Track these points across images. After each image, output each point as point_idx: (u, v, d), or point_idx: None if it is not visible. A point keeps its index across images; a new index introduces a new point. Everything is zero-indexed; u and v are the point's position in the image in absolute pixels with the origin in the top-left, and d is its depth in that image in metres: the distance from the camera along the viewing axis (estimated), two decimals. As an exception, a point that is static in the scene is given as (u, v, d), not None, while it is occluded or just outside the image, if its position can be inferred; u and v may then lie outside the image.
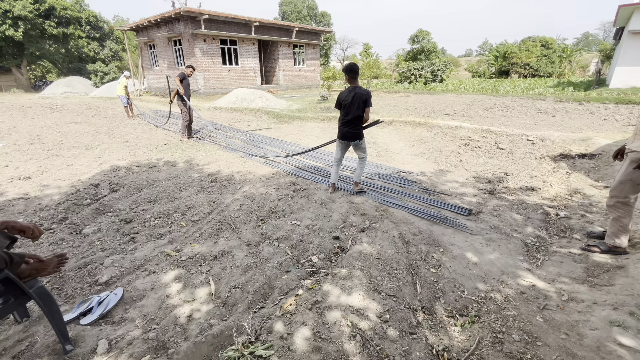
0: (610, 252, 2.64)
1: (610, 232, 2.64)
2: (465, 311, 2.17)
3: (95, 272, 2.57)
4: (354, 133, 3.78)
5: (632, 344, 1.72)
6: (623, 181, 2.53)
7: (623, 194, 2.54)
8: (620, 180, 2.55)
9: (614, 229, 2.62)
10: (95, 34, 33.03)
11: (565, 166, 5.06)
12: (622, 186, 2.54)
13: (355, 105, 3.61)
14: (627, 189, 2.52)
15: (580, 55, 32.35)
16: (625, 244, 2.61)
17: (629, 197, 2.54)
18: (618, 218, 2.59)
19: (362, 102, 3.59)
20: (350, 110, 3.63)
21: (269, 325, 2.00)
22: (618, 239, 2.61)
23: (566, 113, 9.88)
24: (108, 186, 4.43)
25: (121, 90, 10.58)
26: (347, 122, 3.71)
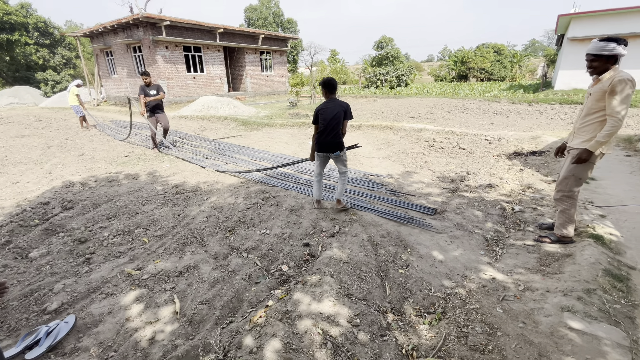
0: (559, 241, 2.86)
1: (558, 223, 2.86)
2: (433, 308, 2.23)
3: (44, 300, 2.35)
4: (335, 143, 3.42)
5: (580, 327, 1.86)
6: (567, 176, 2.76)
7: (568, 187, 2.77)
8: (565, 176, 2.77)
9: (561, 221, 2.84)
10: (45, 40, 30.80)
11: (519, 163, 5.43)
12: (566, 181, 2.77)
13: (335, 119, 3.36)
14: (571, 183, 2.75)
15: (529, 60, 35.12)
16: (572, 234, 2.84)
17: (573, 191, 2.76)
18: (564, 210, 2.81)
19: (342, 113, 3.39)
20: (330, 123, 3.36)
21: (237, 340, 1.94)
22: (565, 229, 2.83)
23: (518, 114, 10.64)
24: (60, 204, 4.10)
25: (73, 99, 9.80)
26: (327, 133, 3.39)
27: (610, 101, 2.42)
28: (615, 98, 2.39)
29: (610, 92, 2.40)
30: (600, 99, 2.49)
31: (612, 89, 2.38)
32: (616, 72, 2.43)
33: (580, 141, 2.66)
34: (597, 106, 2.53)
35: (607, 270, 2.32)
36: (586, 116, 2.63)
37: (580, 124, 2.70)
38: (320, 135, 3.44)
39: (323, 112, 3.38)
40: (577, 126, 2.74)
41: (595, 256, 2.47)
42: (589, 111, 2.61)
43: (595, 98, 2.52)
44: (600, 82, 2.50)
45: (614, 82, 2.38)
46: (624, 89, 2.35)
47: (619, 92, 2.37)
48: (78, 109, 9.88)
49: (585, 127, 2.64)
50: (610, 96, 2.41)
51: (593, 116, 2.58)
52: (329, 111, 3.36)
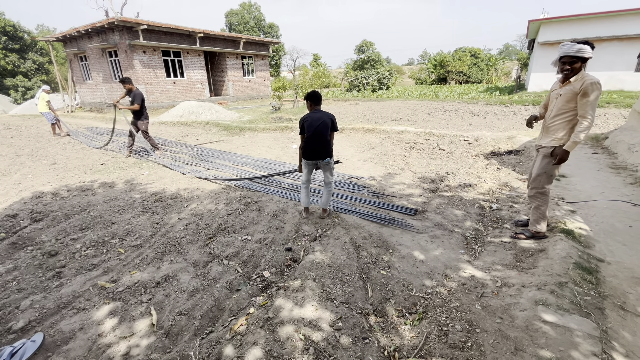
0: (534, 237, 2.96)
1: (532, 219, 2.96)
2: (414, 309, 2.25)
3: (9, 318, 2.22)
4: (324, 149, 3.33)
5: (553, 320, 1.92)
6: (539, 174, 2.86)
7: (540, 185, 2.87)
8: (537, 174, 2.88)
9: (535, 217, 2.94)
10: (14, 45, 29.46)
11: (496, 162, 5.61)
12: (539, 178, 2.87)
13: (322, 125, 3.29)
14: (543, 181, 2.86)
15: (504, 64, 36.53)
16: (544, 229, 2.94)
17: (545, 188, 2.87)
18: (538, 207, 2.91)
19: (329, 121, 3.34)
20: (318, 129, 3.28)
21: (217, 350, 1.89)
22: (539, 225, 2.93)
23: (495, 115, 11.02)
24: (29, 216, 3.90)
25: (43, 106, 9.40)
26: (315, 139, 3.30)
27: (582, 103, 2.53)
28: (587, 100, 2.50)
29: (583, 94, 2.51)
30: (571, 100, 2.60)
31: (585, 91, 2.49)
32: (585, 75, 2.54)
33: (550, 140, 2.77)
34: (567, 107, 2.64)
35: (578, 264, 2.42)
36: (556, 116, 2.74)
37: (549, 123, 2.82)
38: (308, 143, 3.34)
39: (309, 120, 3.31)
40: (546, 125, 2.85)
41: (566, 250, 2.57)
42: (558, 111, 2.71)
43: (566, 99, 2.63)
44: (571, 84, 2.60)
45: (585, 85, 2.48)
46: (595, 91, 2.47)
47: (591, 94, 2.48)
48: (50, 116, 9.49)
49: (554, 126, 2.76)
50: (582, 98, 2.52)
51: (563, 116, 2.69)
52: (315, 119, 3.30)
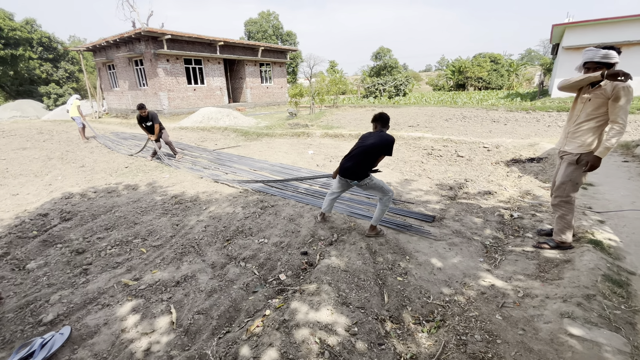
0: (558, 247, 2.84)
1: (557, 229, 2.85)
2: (431, 316, 2.21)
3: (40, 311, 2.34)
4: (355, 170, 3.08)
5: (580, 333, 1.84)
6: (564, 182, 2.76)
7: (565, 193, 2.77)
8: (562, 182, 2.78)
9: (559, 226, 2.83)
10: (49, 55, 31.36)
11: (517, 170, 5.44)
12: (563, 186, 2.77)
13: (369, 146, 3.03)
14: (568, 189, 2.75)
15: (525, 69, 35.58)
16: (570, 239, 2.82)
17: (571, 196, 2.77)
18: (562, 215, 2.80)
19: (381, 146, 3.00)
20: (360, 147, 3.08)
21: (234, 350, 1.91)
22: (564, 234, 2.82)
23: (516, 121, 10.72)
24: (58, 215, 4.11)
25: (74, 111, 10.00)
26: (351, 157, 3.12)
27: (614, 108, 2.45)
28: (619, 105, 2.42)
29: (615, 98, 2.43)
30: (602, 105, 2.51)
31: (616, 95, 2.42)
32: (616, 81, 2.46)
33: (577, 146, 2.67)
34: (597, 112, 2.55)
35: (607, 276, 2.30)
36: (584, 122, 2.64)
37: (575, 128, 2.71)
38: (345, 158, 3.20)
39: (363, 138, 3.16)
40: (571, 130, 2.75)
41: (594, 262, 2.45)
42: (587, 117, 2.62)
43: (596, 104, 2.54)
44: (601, 88, 2.52)
45: (617, 89, 2.41)
46: (627, 95, 2.40)
47: (622, 98, 2.40)
48: (80, 120, 10.05)
49: (581, 131, 2.66)
50: (614, 102, 2.44)
51: (591, 122, 2.60)
52: (368, 138, 3.11)
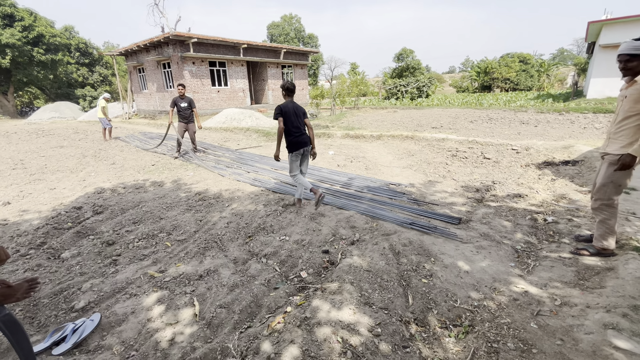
0: (599, 254, 2.64)
1: (598, 234, 2.66)
2: (459, 321, 2.11)
3: (72, 298, 2.44)
4: (305, 140, 3.88)
5: (627, 347, 1.68)
6: (605, 184, 2.57)
7: (606, 196, 2.58)
8: (602, 183, 2.59)
9: (600, 232, 2.63)
10: (85, 59, 33.27)
11: (550, 173, 5.15)
12: (604, 189, 2.58)
13: (303, 115, 3.92)
14: (609, 191, 2.56)
15: (557, 69, 33.86)
16: (613, 246, 2.62)
17: (613, 199, 2.57)
18: (604, 220, 2.61)
19: (302, 113, 3.93)
20: (294, 122, 3.80)
21: (255, 345, 1.90)
22: (606, 241, 2.62)
23: (547, 123, 10.20)
24: (91, 208, 4.30)
25: (100, 112, 10.41)
26: (299, 132, 3.83)
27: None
28: None
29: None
30: (638, 101, 2.35)
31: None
32: None
33: (619, 146, 2.50)
34: (635, 109, 2.39)
35: (657, 286, 2.11)
36: (623, 120, 2.48)
37: (616, 128, 2.55)
38: (294, 137, 3.81)
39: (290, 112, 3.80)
40: (613, 131, 2.59)
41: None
42: (625, 114, 2.46)
43: (633, 100, 2.38)
44: (637, 83, 2.37)
45: None
46: None
47: None
48: (105, 121, 10.47)
49: (622, 131, 2.49)
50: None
51: (631, 119, 2.43)
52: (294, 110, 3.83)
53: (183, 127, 7.48)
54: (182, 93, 7.33)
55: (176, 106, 7.35)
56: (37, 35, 25.36)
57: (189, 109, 7.47)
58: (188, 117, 7.49)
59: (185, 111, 7.43)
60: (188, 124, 7.52)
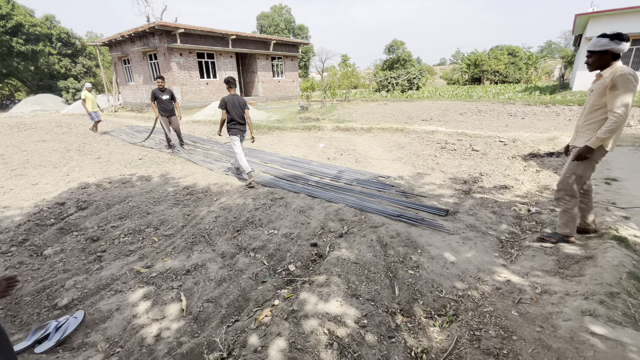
0: (563, 240, 2.78)
1: (561, 223, 2.78)
2: (444, 311, 2.15)
3: (55, 296, 2.39)
4: (243, 126, 4.95)
5: (603, 332, 1.75)
6: (568, 175, 2.68)
7: (569, 187, 2.68)
8: (566, 175, 2.71)
9: (563, 220, 2.76)
10: (67, 50, 32.12)
11: (535, 164, 5.25)
12: (567, 180, 2.69)
13: (238, 107, 4.80)
14: (571, 183, 2.66)
15: (545, 62, 34.28)
16: (574, 233, 2.77)
17: (574, 190, 2.66)
18: (566, 210, 2.72)
19: (243, 105, 4.84)
20: (236, 112, 4.78)
21: (242, 338, 1.91)
22: (568, 228, 2.75)
23: (534, 115, 10.36)
24: (75, 204, 4.21)
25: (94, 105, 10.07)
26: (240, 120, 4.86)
27: (610, 96, 2.36)
28: (615, 93, 2.33)
29: (611, 87, 2.34)
30: (602, 95, 2.43)
31: (613, 84, 2.33)
32: (617, 68, 2.37)
33: (585, 140, 2.60)
34: (600, 102, 2.47)
35: (632, 273, 2.18)
36: (589, 114, 2.58)
37: (583, 122, 2.65)
38: (236, 123, 4.84)
39: (233, 103, 4.74)
40: (580, 124, 2.68)
41: (618, 258, 2.33)
42: (591, 108, 2.55)
43: (597, 94, 2.47)
44: (602, 78, 2.45)
45: (614, 77, 2.32)
46: (625, 83, 2.29)
47: (620, 87, 2.31)
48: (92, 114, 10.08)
49: (589, 125, 2.58)
50: (611, 91, 2.35)
51: (596, 114, 2.52)
52: (236, 101, 4.76)
53: (166, 121, 7.33)
54: (162, 85, 7.15)
55: (157, 99, 7.18)
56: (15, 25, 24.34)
57: (171, 101, 7.31)
58: (171, 110, 7.33)
59: (168, 104, 7.27)
60: (170, 117, 7.36)
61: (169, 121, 7.36)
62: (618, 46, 2.33)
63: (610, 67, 2.41)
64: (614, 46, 2.34)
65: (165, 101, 7.23)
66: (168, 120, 7.34)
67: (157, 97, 7.16)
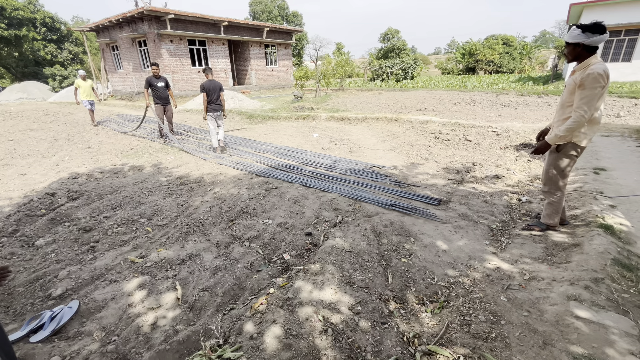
0: (548, 229, 2.88)
1: (546, 213, 2.86)
2: (435, 297, 2.20)
3: (49, 286, 2.38)
4: (221, 107, 6.11)
5: (587, 316, 1.82)
6: (548, 170, 2.73)
7: (553, 181, 2.72)
8: (546, 170, 2.76)
9: (548, 211, 2.83)
10: (52, 35, 30.99)
11: (527, 155, 5.32)
12: (549, 174, 2.74)
13: (216, 91, 5.96)
14: (554, 176, 2.71)
15: (539, 52, 34.29)
16: (557, 223, 2.85)
17: (559, 184, 2.71)
18: (552, 202, 2.78)
19: (219, 88, 6.00)
20: (213, 95, 5.93)
21: (238, 326, 1.94)
22: (552, 219, 2.83)
23: (527, 106, 10.43)
24: (66, 194, 4.15)
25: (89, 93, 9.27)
26: (217, 101, 6.02)
27: (577, 94, 2.34)
28: (583, 92, 2.31)
29: (580, 85, 2.32)
30: (573, 92, 2.41)
31: (582, 82, 2.31)
32: (590, 64, 2.32)
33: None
34: (570, 100, 2.45)
35: (616, 260, 2.26)
36: (560, 110, 2.56)
37: (557, 117, 2.63)
38: (212, 104, 5.98)
39: (210, 87, 5.92)
40: (555, 120, 2.67)
41: (604, 245, 2.40)
42: (563, 104, 2.53)
43: (568, 91, 2.46)
44: (575, 73, 2.42)
45: (584, 76, 2.29)
46: (592, 83, 2.26)
47: (587, 86, 2.28)
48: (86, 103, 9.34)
49: (560, 121, 2.57)
50: (578, 89, 2.34)
51: (567, 110, 2.49)
52: (213, 86, 5.96)
53: (161, 109, 7.19)
54: (157, 72, 6.99)
55: (151, 87, 7.02)
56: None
57: (166, 89, 7.18)
58: (165, 98, 7.20)
59: (163, 91, 7.13)
60: (166, 106, 7.25)
61: (164, 110, 7.23)
62: (589, 39, 2.26)
63: (585, 61, 2.36)
64: (585, 39, 2.27)
65: (161, 89, 7.08)
66: (163, 108, 7.20)
67: (152, 84, 6.99)
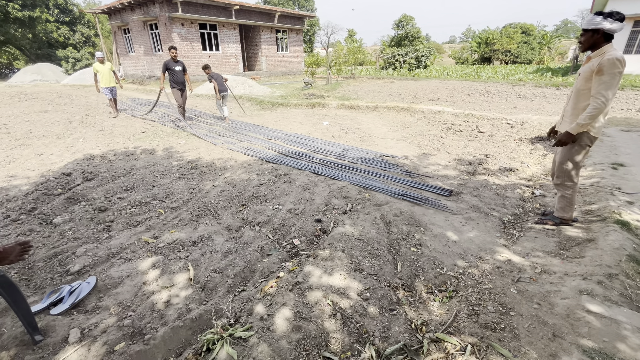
0: (562, 223, 2.83)
1: (559, 207, 2.81)
2: (444, 287, 2.21)
3: (67, 262, 2.47)
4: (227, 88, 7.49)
5: (598, 310, 1.80)
6: (562, 162, 2.66)
7: (566, 173, 2.66)
8: (560, 162, 2.68)
9: (562, 204, 2.78)
10: (65, 17, 31.03)
11: (542, 148, 5.20)
12: (562, 167, 2.67)
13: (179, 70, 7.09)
14: (568, 169, 2.65)
15: (559, 42, 32.96)
16: (572, 216, 2.80)
17: (572, 175, 2.65)
18: (565, 195, 2.73)
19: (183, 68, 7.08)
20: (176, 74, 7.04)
21: (249, 307, 1.98)
22: (566, 213, 2.78)
23: (544, 98, 10.12)
24: (81, 175, 4.24)
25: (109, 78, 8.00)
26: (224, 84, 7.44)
27: (595, 81, 2.28)
28: (601, 78, 2.25)
29: (598, 71, 2.26)
30: (589, 79, 2.35)
31: (600, 68, 2.24)
32: (606, 51, 2.27)
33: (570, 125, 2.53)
34: (586, 87, 2.38)
35: (632, 256, 2.22)
36: (575, 98, 2.49)
37: (569, 107, 2.56)
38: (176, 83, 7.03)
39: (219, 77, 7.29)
40: (567, 109, 2.60)
41: (619, 241, 2.36)
42: (578, 93, 2.46)
43: (584, 78, 2.39)
44: (590, 61, 2.36)
45: (602, 62, 2.23)
46: (610, 68, 2.20)
47: (606, 72, 2.22)
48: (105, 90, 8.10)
49: (576, 110, 2.50)
50: (597, 76, 2.27)
51: (582, 98, 2.43)
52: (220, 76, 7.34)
53: (179, 93, 7.22)
54: (175, 56, 6.97)
55: (168, 71, 7.01)
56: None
57: (183, 73, 7.18)
58: (182, 82, 7.21)
59: (181, 76, 7.14)
60: (183, 91, 7.27)
61: (181, 94, 7.26)
62: (610, 25, 2.22)
63: (601, 49, 2.31)
64: (606, 25, 2.22)
65: (179, 73, 7.09)
66: (181, 93, 7.24)
67: (170, 68, 6.99)
